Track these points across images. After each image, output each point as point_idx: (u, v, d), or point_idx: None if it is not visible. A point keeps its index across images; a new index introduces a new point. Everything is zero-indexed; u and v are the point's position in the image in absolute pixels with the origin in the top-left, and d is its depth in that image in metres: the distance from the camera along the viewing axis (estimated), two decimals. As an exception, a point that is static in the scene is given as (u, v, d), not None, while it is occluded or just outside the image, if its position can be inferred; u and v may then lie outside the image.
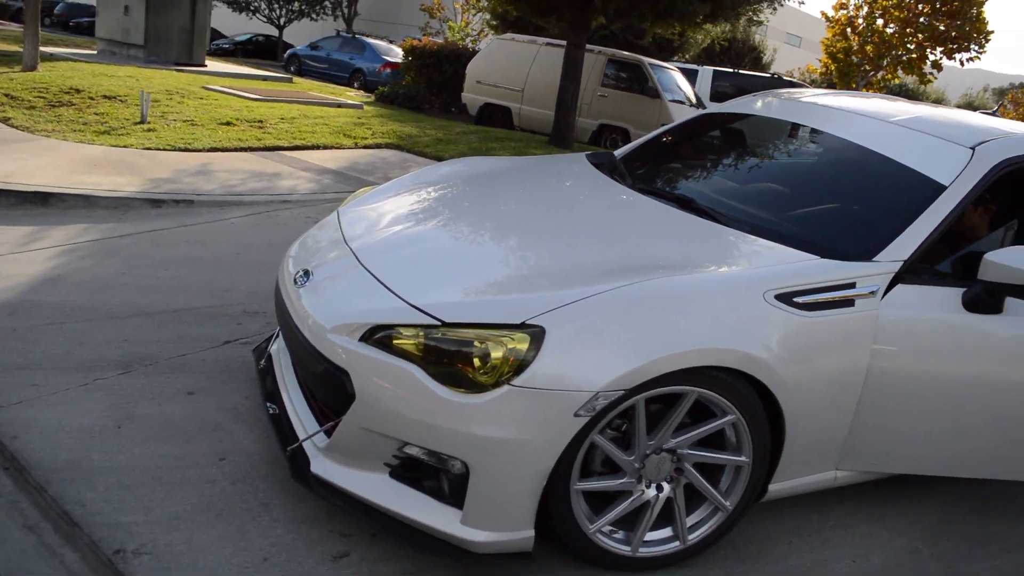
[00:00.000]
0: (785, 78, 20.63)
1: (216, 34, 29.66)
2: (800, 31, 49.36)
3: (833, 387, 2.54)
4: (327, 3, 34.90)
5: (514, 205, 3.27)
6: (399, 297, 2.48)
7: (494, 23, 21.63)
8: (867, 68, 25.70)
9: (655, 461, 2.45)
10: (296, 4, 34.39)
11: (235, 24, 36.84)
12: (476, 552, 2.33)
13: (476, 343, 2.26)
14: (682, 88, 14.45)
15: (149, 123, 8.08)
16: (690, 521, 2.58)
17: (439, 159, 8.47)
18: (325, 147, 8.25)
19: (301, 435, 2.64)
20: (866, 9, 25.43)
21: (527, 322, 2.27)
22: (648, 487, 2.48)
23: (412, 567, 2.47)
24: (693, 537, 2.58)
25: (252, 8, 34.44)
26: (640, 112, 13.59)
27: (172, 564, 2.34)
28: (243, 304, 4.12)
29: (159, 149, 7.03)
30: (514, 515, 2.31)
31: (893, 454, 2.79)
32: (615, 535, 2.51)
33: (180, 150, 7.11)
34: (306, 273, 2.80)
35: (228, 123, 8.61)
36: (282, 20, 34.78)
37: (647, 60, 14.25)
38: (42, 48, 11.56)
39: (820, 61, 28.09)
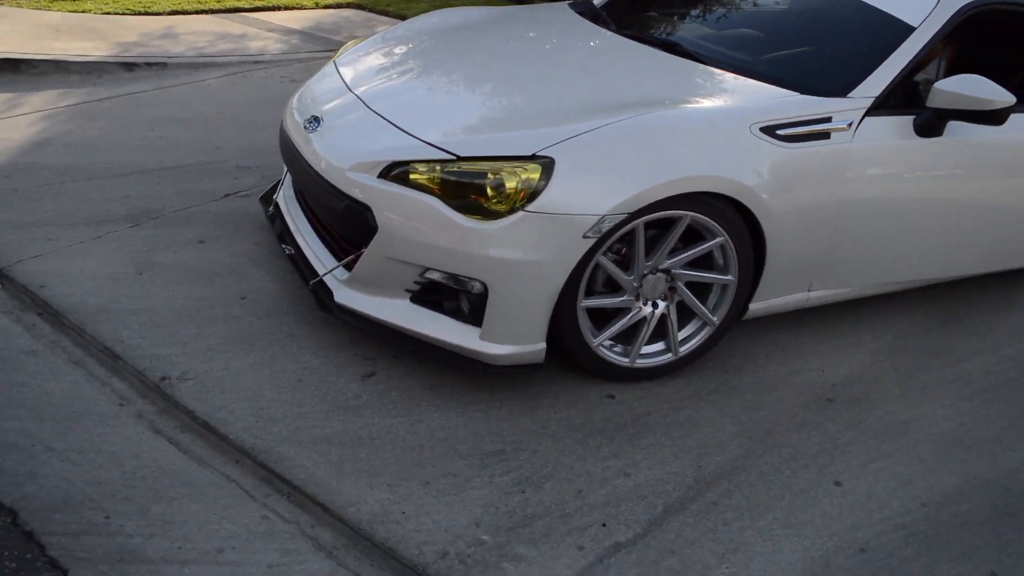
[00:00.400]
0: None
1: None
2: None
3: (810, 214, 2.80)
4: None
5: (507, 51, 3.40)
6: (412, 136, 2.65)
7: None
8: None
9: (651, 281, 2.71)
10: None
11: None
12: (494, 364, 2.60)
13: (490, 174, 2.46)
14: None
15: (101, -14, 7.80)
16: (681, 335, 2.87)
17: (403, 18, 8.36)
18: (287, 8, 8.08)
19: (320, 270, 2.85)
20: None
21: (537, 154, 2.47)
22: (645, 304, 2.75)
23: (434, 382, 2.73)
24: (684, 349, 2.88)
25: None
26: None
27: (215, 387, 2.58)
28: (235, 160, 4.23)
29: (118, 14, 6.87)
30: (528, 330, 2.57)
31: (860, 272, 3.10)
32: (615, 349, 2.80)
33: (140, 14, 6.94)
34: (315, 119, 2.93)
35: (182, -17, 8.33)
36: None
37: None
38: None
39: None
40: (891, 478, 2.55)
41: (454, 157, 2.52)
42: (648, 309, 2.76)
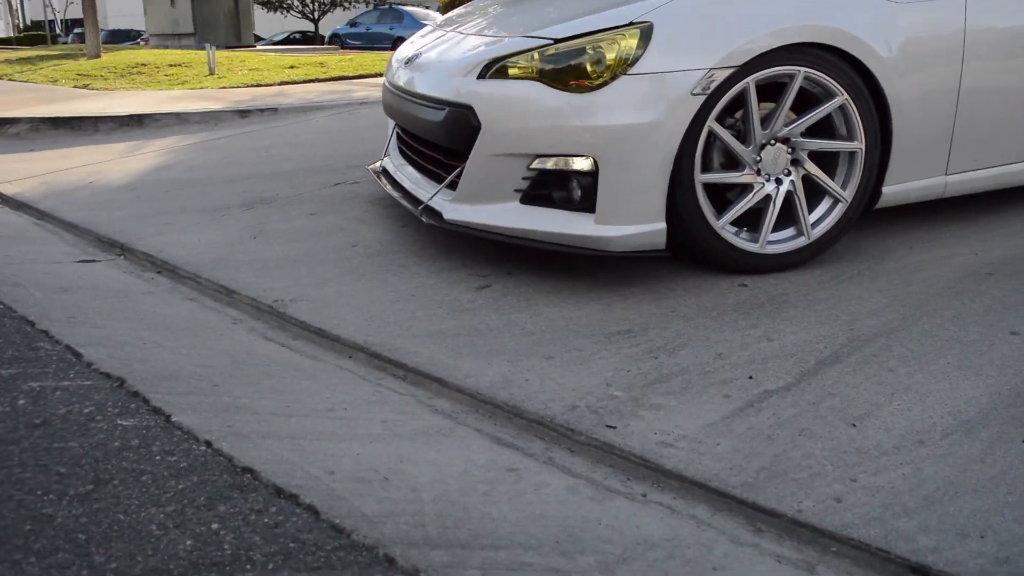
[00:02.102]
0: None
1: (254, 38, 30.29)
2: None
3: (934, 75, 2.59)
4: (358, -10, 35.24)
5: None
6: (505, 36, 2.63)
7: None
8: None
9: (771, 153, 2.51)
10: (328, -4, 34.82)
11: (271, 26, 37.42)
12: (612, 249, 2.44)
13: (589, 49, 2.39)
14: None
15: (218, 75, 8.36)
16: (812, 217, 2.63)
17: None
18: (386, 73, 8.45)
19: (425, 197, 2.78)
20: None
21: (634, 21, 2.39)
22: (768, 180, 2.55)
23: (551, 288, 2.58)
24: (816, 232, 2.63)
25: (286, 6, 34.95)
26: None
27: (328, 304, 2.50)
28: (344, 162, 4.30)
29: (234, 87, 7.30)
30: (644, 207, 2.41)
31: (1003, 146, 2.81)
32: (741, 234, 2.59)
33: (254, 86, 7.37)
34: (415, 54, 3.03)
35: (292, 67, 8.85)
36: (316, 14, 35.23)
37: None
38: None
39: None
40: (1082, 323, 2.21)
41: (551, 41, 2.46)
42: (771, 186, 2.55)
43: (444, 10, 17.49)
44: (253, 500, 1.48)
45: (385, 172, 3.29)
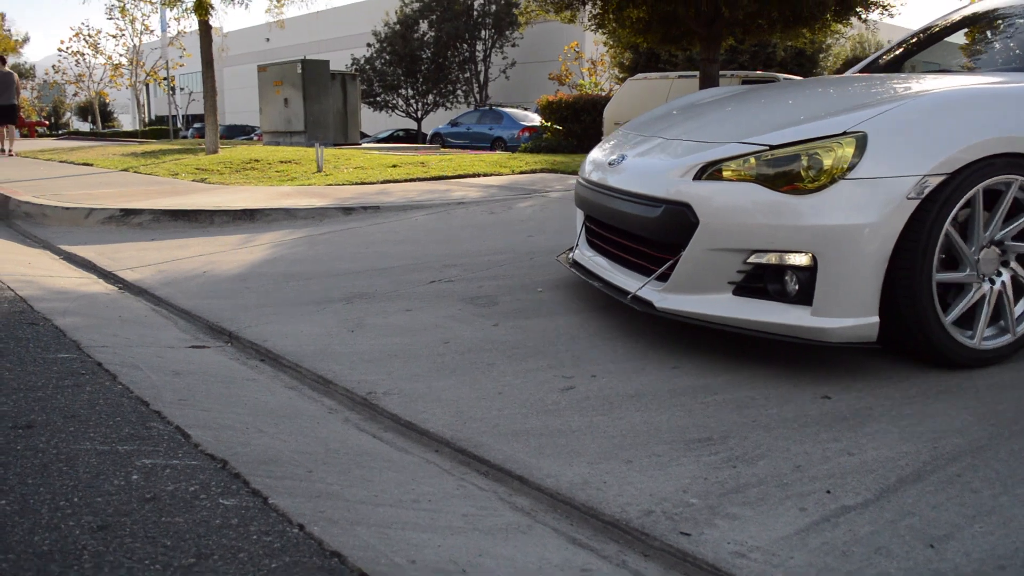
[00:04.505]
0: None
1: (360, 135, 31.77)
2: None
3: None
4: (459, 92, 36.70)
5: (766, 92, 3.77)
6: (716, 143, 2.91)
7: (622, 76, 22.19)
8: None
9: (987, 255, 2.72)
10: (431, 97, 36.35)
11: (376, 124, 39.17)
12: (828, 340, 2.61)
13: (803, 157, 2.63)
14: (823, 98, 14.32)
15: (325, 172, 8.83)
16: (1016, 312, 2.83)
17: (591, 174, 8.80)
18: (486, 174, 8.75)
19: (632, 287, 3.06)
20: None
21: (848, 131, 2.63)
22: (983, 280, 2.74)
23: (635, 392, 2.64)
24: (1021, 328, 2.83)
25: (391, 106, 36.62)
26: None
27: (418, 399, 2.62)
28: (441, 261, 4.49)
29: (339, 185, 7.69)
30: (860, 301, 2.58)
31: None
32: (962, 330, 2.74)
33: (358, 184, 7.75)
34: (620, 157, 3.33)
35: (394, 166, 9.28)
36: (419, 113, 36.78)
37: (782, 76, 14.27)
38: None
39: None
40: None
41: (767, 147, 2.72)
42: (987, 286, 2.75)
43: (542, 112, 18.06)
44: (340, 584, 1.57)
45: (576, 263, 3.62)
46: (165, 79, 32.39)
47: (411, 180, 8.12)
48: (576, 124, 17.16)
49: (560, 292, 3.84)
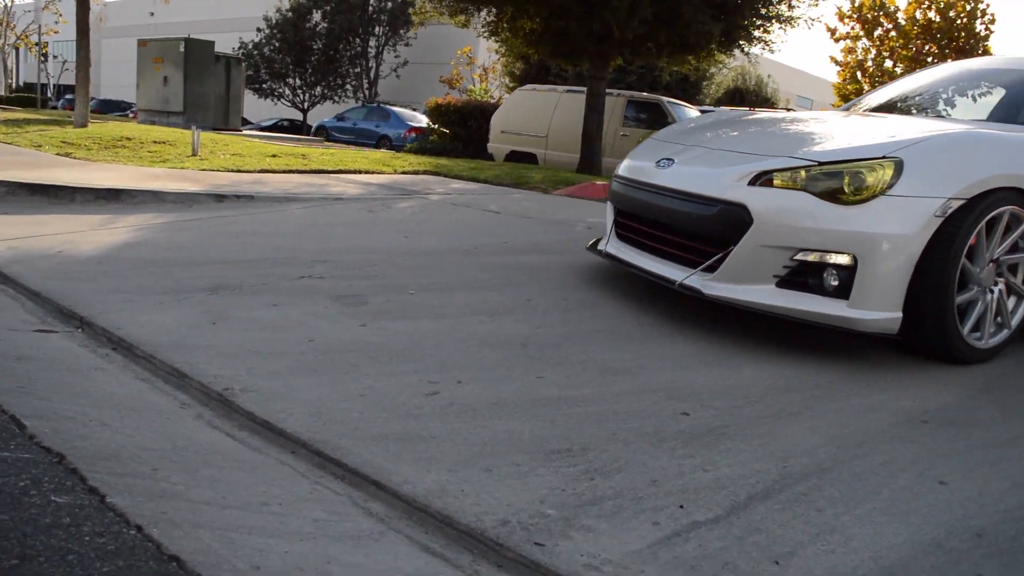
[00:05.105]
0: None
1: (242, 121, 30.81)
2: (811, 93, 50.10)
3: None
4: (348, 86, 36.15)
5: (791, 116, 4.38)
6: (769, 156, 3.36)
7: (512, 85, 22.35)
8: (882, 109, 26.02)
9: (986, 271, 3.25)
10: (319, 88, 35.66)
11: (260, 111, 38.10)
12: (859, 329, 3.08)
13: (846, 175, 3.10)
14: (703, 123, 14.78)
15: (200, 156, 8.50)
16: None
17: (475, 180, 8.81)
18: (367, 172, 8.62)
19: (675, 278, 3.47)
20: (874, 52, 25.92)
21: (887, 155, 3.11)
22: (985, 294, 3.28)
23: (498, 399, 2.63)
24: (1015, 322, 3.44)
25: (277, 94, 35.72)
26: (664, 147, 13.89)
27: (277, 397, 2.53)
28: (312, 256, 4.37)
29: (214, 171, 7.41)
30: (889, 298, 3.06)
31: None
32: (972, 334, 3.28)
33: (233, 171, 7.49)
34: (667, 159, 3.72)
35: (274, 156, 9.02)
36: (306, 104, 36.03)
37: (665, 99, 14.67)
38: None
39: (833, 105, 28.55)
40: (1003, 480, 2.30)
41: (815, 163, 3.19)
42: (988, 297, 3.29)
43: (430, 114, 17.98)
44: (175, 590, 1.48)
45: (610, 255, 4.02)
46: (37, 45, 30.58)
47: (290, 172, 7.91)
48: (463, 129, 17.15)
49: (431, 295, 3.80)
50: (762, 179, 3.23)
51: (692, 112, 14.95)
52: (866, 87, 26.10)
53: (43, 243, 4.34)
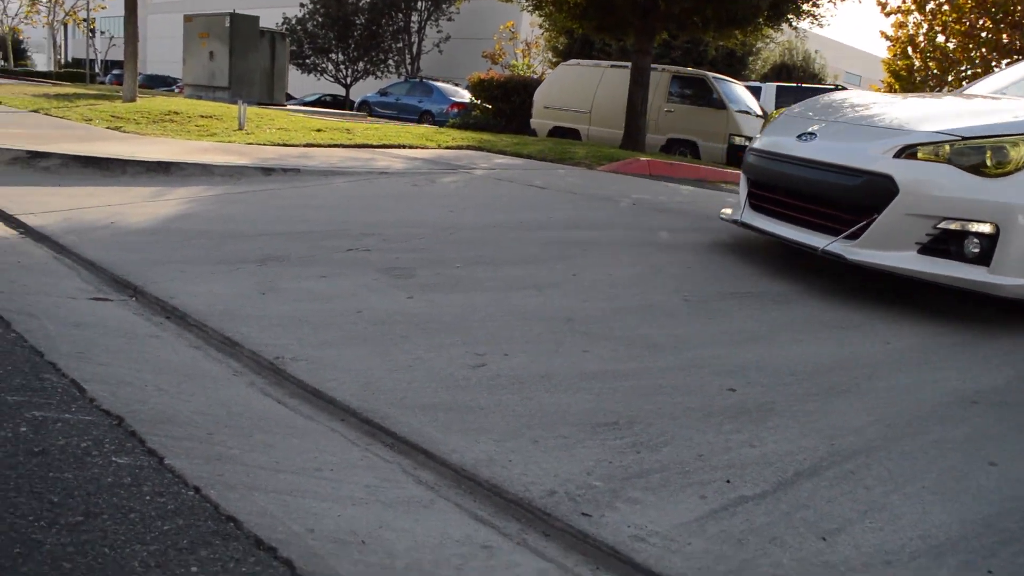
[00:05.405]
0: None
1: (286, 96, 30.95)
2: (860, 70, 49.05)
3: None
4: (391, 61, 36.17)
5: (925, 98, 4.62)
6: (912, 130, 3.55)
7: (555, 60, 22.21)
8: (932, 85, 25.45)
9: None
10: (361, 64, 35.72)
11: (304, 87, 38.28)
12: (999, 294, 3.27)
13: (989, 150, 3.28)
14: (746, 100, 14.60)
15: (247, 130, 8.59)
16: None
17: (518, 155, 8.79)
18: (411, 147, 8.64)
19: (817, 245, 3.67)
20: (926, 27, 25.23)
21: None
22: None
23: (546, 372, 2.64)
24: None
25: (320, 69, 35.85)
26: (707, 124, 13.76)
27: (327, 366, 2.57)
28: (359, 229, 4.41)
29: (260, 144, 7.49)
30: None
31: None
32: None
33: (280, 145, 7.56)
34: (809, 134, 3.91)
35: (319, 130, 9.09)
36: (348, 79, 36.13)
37: (711, 74, 14.48)
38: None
39: (883, 81, 27.88)
40: (1058, 462, 2.27)
41: (959, 137, 3.37)
42: None
43: (473, 89, 17.94)
44: (233, 549, 1.53)
45: (746, 224, 4.21)
46: (85, 20, 30.99)
47: (335, 146, 7.96)
48: (506, 104, 17.10)
49: (478, 268, 3.82)
50: (907, 152, 3.43)
51: (738, 88, 14.74)
52: (916, 62, 25.51)
53: (96, 214, 4.43)
